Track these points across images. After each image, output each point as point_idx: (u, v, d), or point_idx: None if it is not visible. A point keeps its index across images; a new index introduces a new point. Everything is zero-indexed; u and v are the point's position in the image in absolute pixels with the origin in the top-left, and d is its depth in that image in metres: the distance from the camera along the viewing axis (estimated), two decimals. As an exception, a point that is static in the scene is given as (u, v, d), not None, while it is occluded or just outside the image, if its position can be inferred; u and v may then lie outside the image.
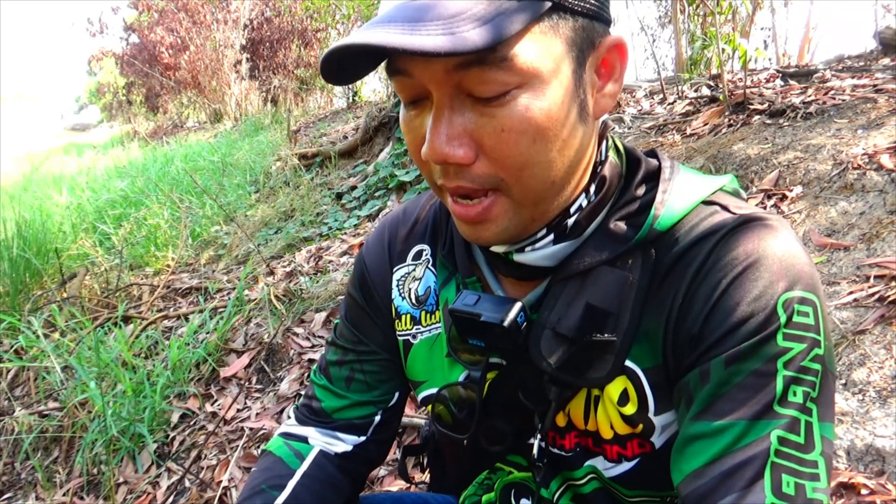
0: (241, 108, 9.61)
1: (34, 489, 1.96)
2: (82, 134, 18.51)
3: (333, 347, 0.80)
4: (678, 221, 0.58)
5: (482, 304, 0.60)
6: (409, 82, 0.52)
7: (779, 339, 0.51)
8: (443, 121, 0.51)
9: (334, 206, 3.76)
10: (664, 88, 3.34)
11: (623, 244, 0.58)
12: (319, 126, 6.21)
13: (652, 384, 0.58)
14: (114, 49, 12.91)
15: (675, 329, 0.56)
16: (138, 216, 4.20)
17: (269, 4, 9.78)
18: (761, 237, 0.54)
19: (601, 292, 0.57)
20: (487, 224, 0.55)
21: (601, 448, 0.62)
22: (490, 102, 0.50)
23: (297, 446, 0.77)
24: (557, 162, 0.54)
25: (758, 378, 0.51)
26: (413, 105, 0.54)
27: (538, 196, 0.55)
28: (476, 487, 0.75)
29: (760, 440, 0.50)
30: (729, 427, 0.51)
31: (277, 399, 2.00)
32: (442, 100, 0.51)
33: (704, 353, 0.53)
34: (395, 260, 0.75)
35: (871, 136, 1.97)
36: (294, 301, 2.46)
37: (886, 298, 1.38)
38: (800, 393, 0.50)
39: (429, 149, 0.52)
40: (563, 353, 0.58)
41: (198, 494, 1.71)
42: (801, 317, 0.52)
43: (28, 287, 3.22)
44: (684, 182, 0.61)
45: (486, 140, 0.51)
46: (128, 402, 2.02)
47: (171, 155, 6.59)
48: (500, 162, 0.52)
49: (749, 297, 0.52)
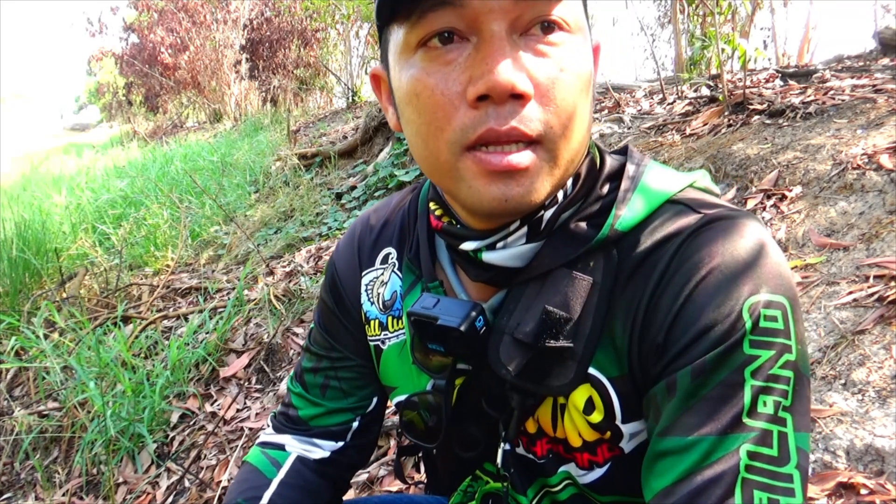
0: (241, 108, 9.61)
1: (34, 489, 1.96)
2: (82, 134, 18.49)
3: (308, 354, 0.79)
4: (641, 221, 0.55)
5: (440, 308, 0.58)
6: (451, 15, 0.48)
7: (745, 346, 0.49)
8: (506, 51, 0.48)
9: (334, 206, 3.76)
10: (664, 88, 3.34)
11: (583, 245, 0.56)
12: (319, 126, 6.21)
13: (619, 393, 0.56)
14: (113, 49, 12.89)
15: (640, 338, 0.54)
16: (138, 216, 4.20)
17: (268, 4, 9.77)
18: (726, 238, 0.52)
19: (559, 296, 0.55)
20: (520, 178, 0.50)
21: (572, 455, 0.61)
22: (549, 39, 0.50)
23: (273, 454, 0.76)
24: (586, 124, 0.53)
25: (725, 389, 0.48)
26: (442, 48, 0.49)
27: (571, 156, 0.53)
28: (461, 495, 0.74)
29: (730, 455, 0.47)
30: (697, 443, 0.48)
31: (277, 399, 2.00)
32: (501, 32, 0.48)
33: (670, 363, 0.51)
34: (364, 263, 0.74)
35: (871, 136, 1.97)
36: (294, 301, 2.46)
37: (886, 298, 1.38)
38: (770, 403, 0.48)
39: (491, 77, 0.47)
40: (522, 360, 0.55)
41: (197, 494, 1.71)
42: (768, 322, 0.49)
43: (28, 287, 3.22)
44: (651, 180, 0.58)
45: (544, 80, 0.49)
46: (127, 402, 2.02)
47: (171, 155, 6.58)
48: (554, 106, 0.50)
49: (713, 303, 0.50)
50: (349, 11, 5.72)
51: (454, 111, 0.50)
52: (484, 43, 0.48)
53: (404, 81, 0.52)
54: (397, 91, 0.55)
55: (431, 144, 0.52)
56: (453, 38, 0.49)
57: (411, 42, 0.50)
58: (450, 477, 0.75)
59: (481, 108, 0.49)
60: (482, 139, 0.49)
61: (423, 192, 0.71)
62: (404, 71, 0.52)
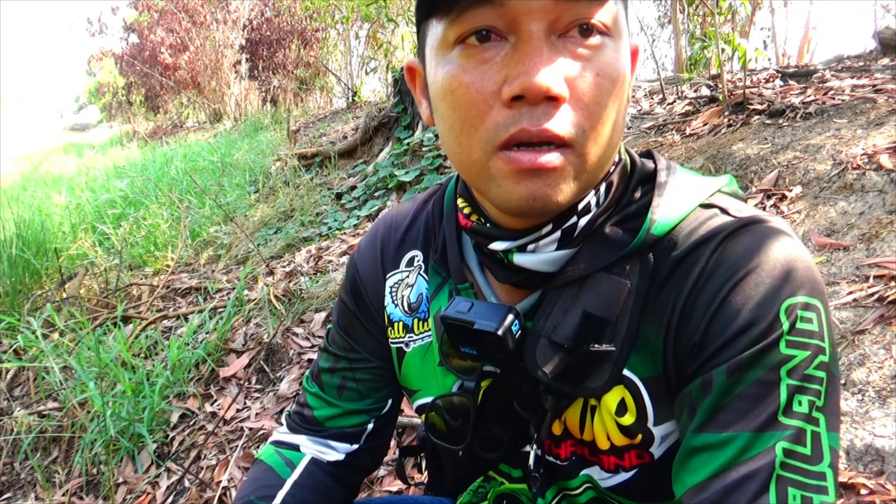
0: (241, 108, 9.61)
1: (33, 489, 1.96)
2: (82, 134, 18.49)
3: (325, 354, 0.79)
4: (676, 226, 0.56)
5: (475, 312, 0.58)
6: (491, 14, 0.48)
7: (782, 346, 0.49)
8: (543, 53, 0.48)
9: (334, 206, 3.76)
10: (664, 88, 3.34)
11: (620, 250, 0.56)
12: (319, 126, 6.21)
13: (651, 394, 0.56)
14: (113, 49, 12.91)
15: (675, 337, 0.54)
16: (138, 216, 4.19)
17: (268, 4, 9.77)
18: (762, 241, 0.53)
19: (598, 300, 0.56)
20: (549, 178, 0.50)
21: (597, 458, 0.61)
22: (586, 44, 0.49)
23: (288, 455, 0.76)
24: (619, 128, 0.53)
25: (761, 388, 0.49)
26: (478, 47, 0.50)
27: (601, 160, 0.53)
28: (471, 495, 0.74)
29: (765, 453, 0.48)
30: (732, 439, 0.49)
31: (277, 399, 2.00)
32: (539, 33, 0.48)
33: (706, 361, 0.52)
34: (388, 266, 0.74)
35: (871, 136, 1.97)
36: (294, 301, 2.46)
37: (886, 298, 1.38)
38: (805, 402, 0.49)
39: (528, 78, 0.47)
40: (560, 363, 0.56)
41: (197, 494, 1.71)
42: (804, 323, 0.50)
43: (27, 287, 3.22)
44: (681, 184, 0.59)
45: (580, 83, 0.49)
46: (127, 402, 2.02)
47: (171, 155, 6.58)
48: (588, 109, 0.50)
49: (751, 303, 0.50)
50: (349, 13, 5.71)
51: (488, 109, 0.50)
52: (522, 43, 0.48)
53: (440, 77, 0.52)
54: (432, 86, 0.55)
55: (464, 142, 0.52)
56: (491, 36, 0.49)
57: (449, 38, 0.51)
58: (457, 478, 0.75)
59: (515, 107, 0.49)
60: (514, 139, 0.50)
61: (448, 192, 0.71)
62: (441, 67, 0.52)
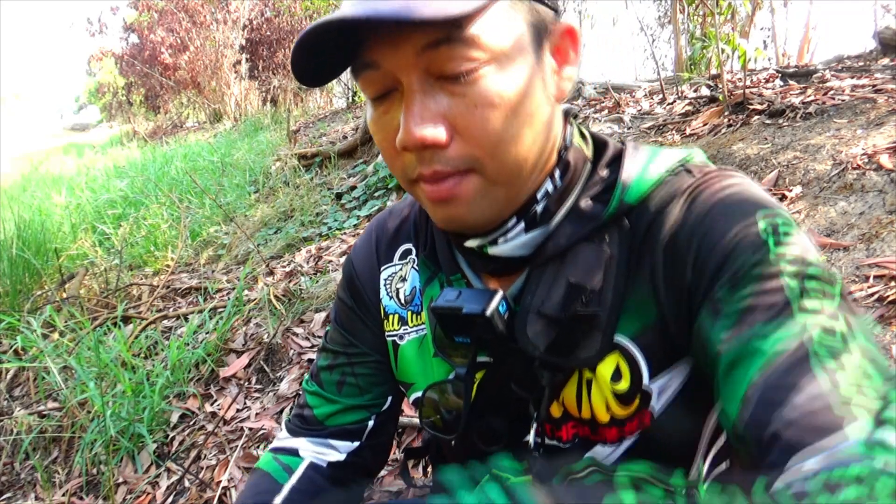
0: (241, 108, 9.61)
1: (34, 489, 1.96)
2: (82, 134, 18.51)
3: (324, 353, 0.80)
4: (648, 192, 0.59)
5: (463, 298, 0.60)
6: (377, 75, 0.53)
7: (772, 247, 0.52)
8: (416, 104, 0.51)
9: (334, 206, 3.76)
10: (664, 88, 3.34)
11: (595, 220, 0.59)
12: (319, 126, 6.21)
13: (644, 349, 0.58)
14: (113, 49, 12.90)
15: (666, 287, 0.56)
16: (138, 216, 4.19)
17: (268, 4, 9.77)
18: (730, 183, 0.57)
19: (581, 269, 0.58)
20: (458, 202, 0.55)
21: (599, 434, 0.62)
22: (460, 80, 0.51)
23: (285, 460, 0.76)
24: (528, 138, 0.55)
25: (766, 282, 0.50)
26: (381, 101, 0.55)
27: (511, 174, 0.56)
28: None
29: (792, 338, 0.47)
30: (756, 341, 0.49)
31: (277, 399, 2.00)
32: (412, 85, 0.51)
33: (706, 291, 0.54)
34: (383, 259, 0.76)
35: (871, 136, 1.97)
36: (294, 301, 2.46)
37: (886, 298, 1.38)
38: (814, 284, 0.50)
39: (404, 133, 0.52)
40: (550, 335, 0.57)
41: (197, 494, 1.71)
42: (785, 228, 0.53)
43: (27, 287, 3.21)
44: (650, 155, 0.62)
45: (460, 119, 0.52)
46: (127, 402, 2.01)
47: (171, 155, 6.58)
48: (475, 140, 0.53)
49: (732, 229, 0.53)
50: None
51: (396, 155, 0.56)
52: (406, 95, 0.52)
53: (368, 118, 0.58)
54: None
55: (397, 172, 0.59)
56: (388, 93, 0.54)
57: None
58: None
59: (409, 154, 0.54)
60: (420, 178, 0.56)
61: None
62: (367, 109, 0.58)
